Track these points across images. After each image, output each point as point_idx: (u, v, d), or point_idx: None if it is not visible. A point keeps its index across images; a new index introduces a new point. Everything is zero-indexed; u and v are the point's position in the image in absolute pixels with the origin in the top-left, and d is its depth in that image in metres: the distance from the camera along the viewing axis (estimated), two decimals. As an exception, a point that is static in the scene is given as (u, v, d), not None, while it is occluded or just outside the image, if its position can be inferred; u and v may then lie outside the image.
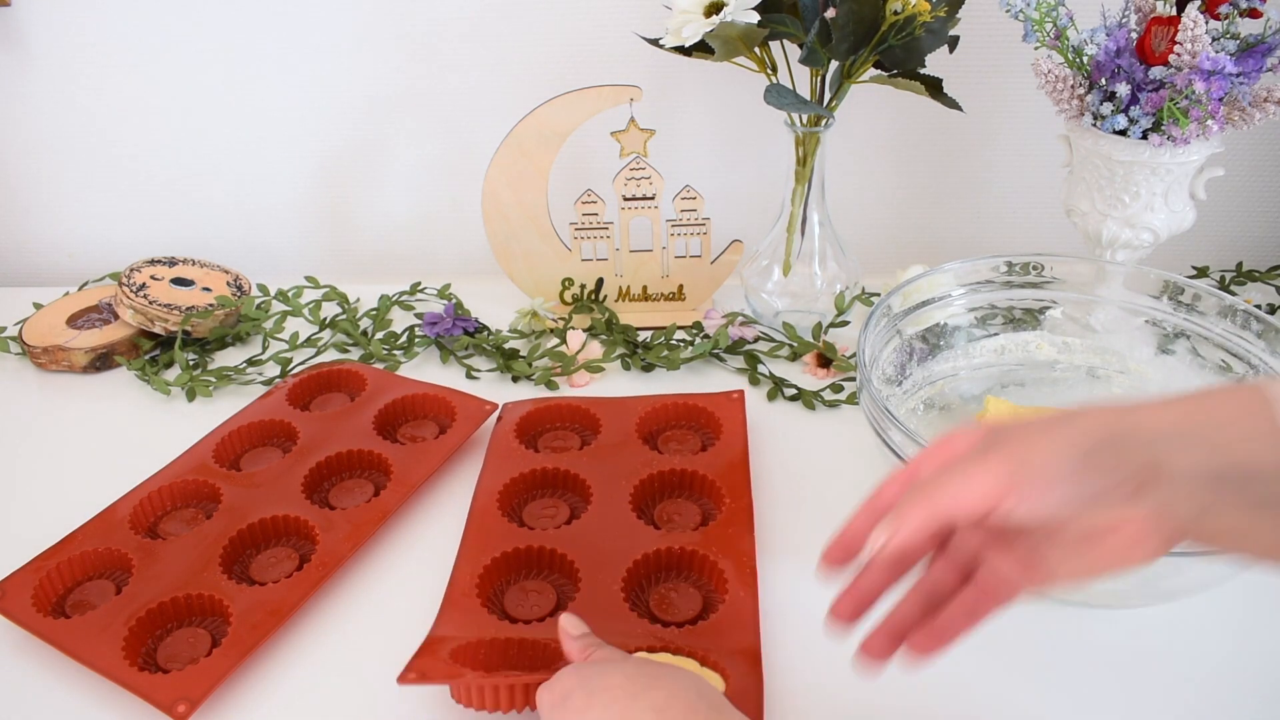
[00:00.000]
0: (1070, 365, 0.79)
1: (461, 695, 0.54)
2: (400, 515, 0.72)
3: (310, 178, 1.06)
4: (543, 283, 0.96)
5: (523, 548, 0.66)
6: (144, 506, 0.70)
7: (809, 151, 0.86)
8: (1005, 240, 1.07)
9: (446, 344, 0.92)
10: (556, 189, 0.93)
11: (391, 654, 0.60)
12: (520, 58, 0.98)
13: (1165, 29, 0.73)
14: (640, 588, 0.64)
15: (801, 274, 0.92)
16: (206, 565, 0.64)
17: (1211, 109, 0.71)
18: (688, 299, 0.96)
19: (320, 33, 0.98)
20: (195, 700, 0.55)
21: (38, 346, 0.90)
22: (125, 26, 0.98)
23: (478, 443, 0.79)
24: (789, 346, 0.90)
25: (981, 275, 0.78)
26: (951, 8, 0.78)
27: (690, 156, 1.03)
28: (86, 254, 1.11)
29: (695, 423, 0.79)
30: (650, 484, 0.72)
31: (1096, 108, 0.77)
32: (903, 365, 0.76)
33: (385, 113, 1.02)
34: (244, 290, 0.99)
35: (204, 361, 0.92)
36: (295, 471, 0.73)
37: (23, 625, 0.60)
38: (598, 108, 0.88)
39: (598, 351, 0.90)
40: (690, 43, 0.77)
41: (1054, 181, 0.91)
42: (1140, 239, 0.81)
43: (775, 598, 0.64)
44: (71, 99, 1.02)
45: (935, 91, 0.80)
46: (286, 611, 0.61)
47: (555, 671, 0.57)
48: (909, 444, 0.60)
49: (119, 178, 1.06)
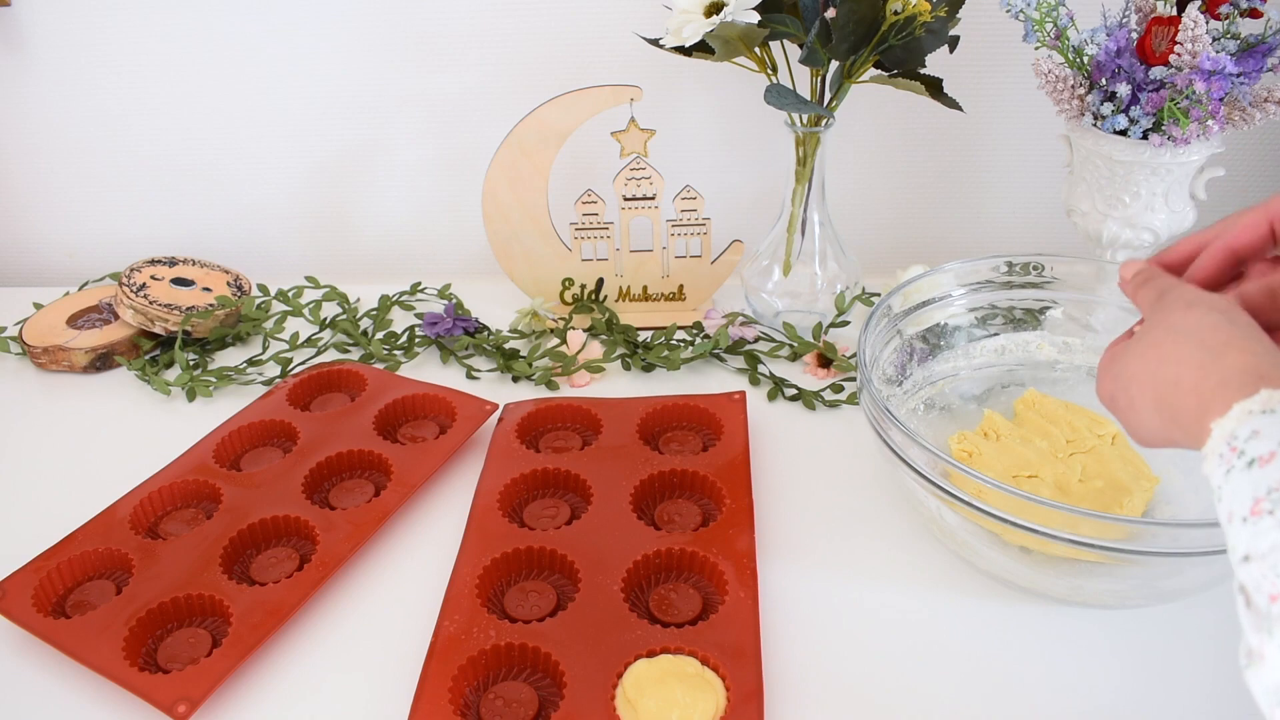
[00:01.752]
0: (1070, 365, 0.79)
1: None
2: (400, 515, 0.72)
3: (311, 178, 1.06)
4: (543, 283, 0.96)
5: (523, 548, 0.66)
6: (144, 506, 0.70)
7: (809, 151, 0.86)
8: (1005, 240, 1.07)
9: (447, 344, 0.92)
10: (556, 189, 0.93)
11: (392, 654, 0.60)
12: (520, 58, 0.98)
13: (1166, 29, 0.73)
14: (640, 588, 0.64)
15: (801, 274, 0.92)
16: (207, 565, 0.64)
17: (1212, 109, 0.71)
18: (688, 299, 0.96)
19: (320, 33, 0.98)
20: (195, 700, 0.55)
21: (38, 346, 0.90)
22: (125, 26, 0.98)
23: (478, 443, 0.79)
24: (789, 346, 0.90)
25: (982, 275, 0.78)
26: (951, 8, 0.78)
27: (690, 156, 1.02)
28: (86, 254, 1.11)
29: (696, 423, 0.79)
30: (651, 484, 0.72)
31: (1097, 108, 0.77)
32: (903, 365, 0.76)
33: (386, 113, 1.02)
34: (244, 290, 0.99)
35: (204, 361, 0.92)
36: (295, 472, 0.73)
37: (23, 625, 0.60)
38: (598, 108, 0.88)
39: (598, 351, 0.90)
40: (690, 43, 0.77)
41: (1054, 181, 0.91)
42: (1141, 239, 0.81)
43: (775, 598, 0.64)
44: (71, 99, 1.02)
45: (935, 91, 0.80)
46: (286, 611, 0.61)
47: (551, 677, 0.57)
48: (909, 444, 0.61)
49: (119, 177, 1.06)
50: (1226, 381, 0.41)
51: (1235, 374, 0.41)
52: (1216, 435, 0.40)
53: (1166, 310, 0.47)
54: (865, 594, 0.64)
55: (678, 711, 0.53)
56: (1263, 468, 0.37)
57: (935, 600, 0.64)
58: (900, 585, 0.65)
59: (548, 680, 0.57)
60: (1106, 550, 0.55)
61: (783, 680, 0.58)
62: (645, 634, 0.59)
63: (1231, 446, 0.39)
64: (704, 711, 0.53)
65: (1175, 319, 0.46)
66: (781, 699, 0.57)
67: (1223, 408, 0.40)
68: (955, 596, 0.64)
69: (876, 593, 0.65)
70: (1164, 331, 0.46)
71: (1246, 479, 0.37)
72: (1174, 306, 0.47)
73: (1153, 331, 0.47)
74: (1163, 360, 0.45)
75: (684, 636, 0.58)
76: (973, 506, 0.58)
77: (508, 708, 0.55)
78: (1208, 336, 0.44)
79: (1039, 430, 0.72)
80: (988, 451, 0.70)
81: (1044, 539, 0.56)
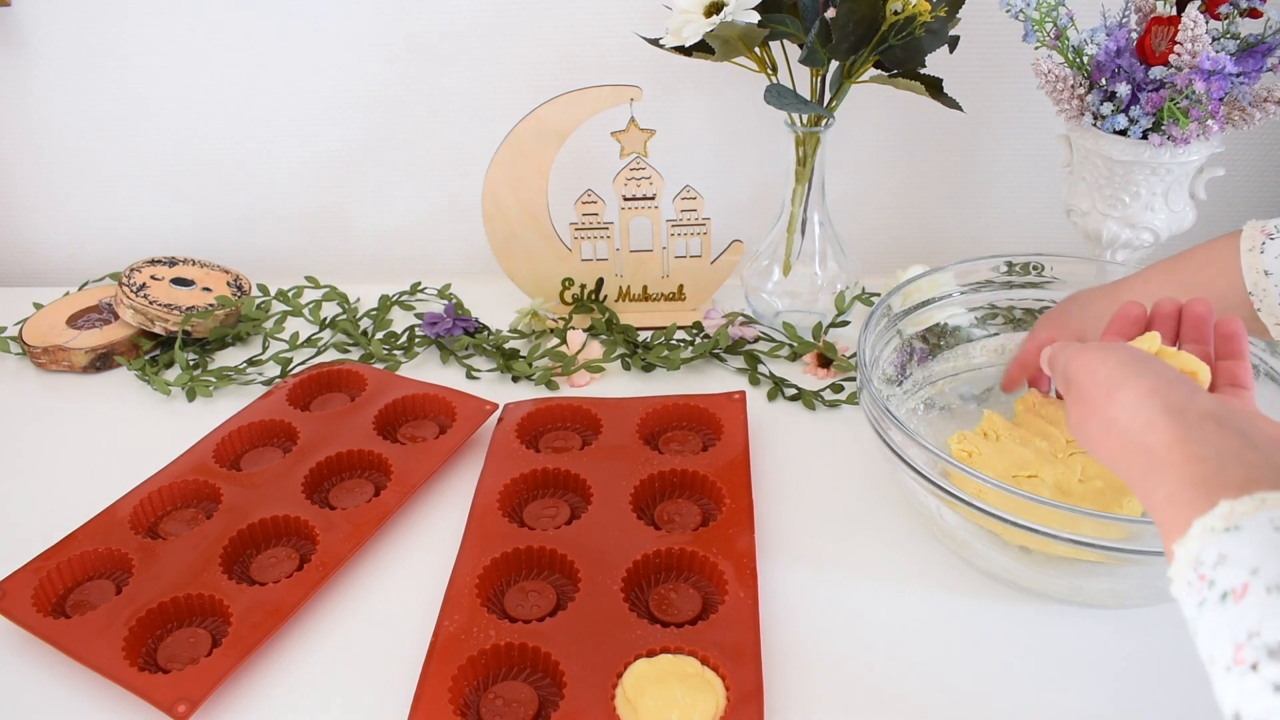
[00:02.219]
0: (1070, 365, 0.79)
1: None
2: (400, 515, 0.72)
3: (311, 177, 1.06)
4: (543, 283, 0.96)
5: (523, 548, 0.66)
6: (144, 506, 0.70)
7: (809, 151, 0.86)
8: (1005, 240, 1.07)
9: (446, 344, 0.92)
10: (556, 189, 0.93)
11: (392, 654, 0.60)
12: (520, 58, 0.98)
13: (1165, 29, 0.73)
14: (640, 588, 0.64)
15: (801, 274, 0.92)
16: (207, 565, 0.64)
17: (1212, 109, 0.71)
18: (688, 299, 0.96)
19: (321, 32, 0.98)
20: (195, 700, 0.55)
21: (38, 346, 0.90)
22: (125, 26, 0.98)
23: (478, 443, 0.79)
24: (789, 346, 0.90)
25: (982, 275, 0.78)
26: (951, 8, 0.78)
27: (690, 156, 1.03)
28: (87, 254, 1.11)
29: (696, 423, 0.79)
30: (651, 484, 0.72)
31: (1097, 108, 0.77)
32: (903, 365, 0.76)
33: (386, 113, 1.02)
34: (244, 290, 0.99)
35: (204, 361, 0.92)
36: (295, 471, 0.73)
37: (23, 625, 0.60)
38: (598, 108, 0.88)
39: (598, 351, 0.90)
40: (690, 43, 0.77)
41: (1054, 181, 0.91)
42: (1140, 239, 0.81)
43: (775, 598, 0.64)
44: (72, 99, 1.02)
45: (935, 91, 0.80)
46: (286, 611, 0.61)
47: (551, 677, 0.57)
48: (909, 444, 0.61)
49: (119, 177, 1.07)
50: (1175, 497, 0.38)
51: (1185, 486, 0.38)
52: (1181, 559, 0.37)
53: (1087, 391, 0.47)
54: (865, 594, 0.64)
55: (678, 711, 0.53)
56: (1238, 603, 0.33)
57: (935, 600, 0.64)
58: (900, 585, 0.65)
59: (548, 680, 0.57)
60: (1106, 550, 0.55)
61: (783, 680, 0.58)
62: (645, 634, 0.59)
63: (1200, 574, 0.36)
64: (704, 711, 0.53)
65: (1106, 412, 0.45)
66: (781, 699, 0.57)
67: (1181, 527, 0.37)
68: (955, 596, 0.64)
69: (876, 593, 0.65)
70: (1098, 427, 0.45)
71: (1222, 617, 0.34)
72: (1094, 390, 0.46)
73: (1089, 423, 0.46)
74: (1112, 458, 0.44)
75: (684, 636, 0.58)
76: (973, 506, 0.58)
77: (508, 708, 0.55)
78: (1144, 437, 0.41)
79: (1039, 431, 0.72)
80: (987, 451, 0.70)
81: (1044, 539, 0.56)
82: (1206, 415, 0.40)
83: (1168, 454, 0.40)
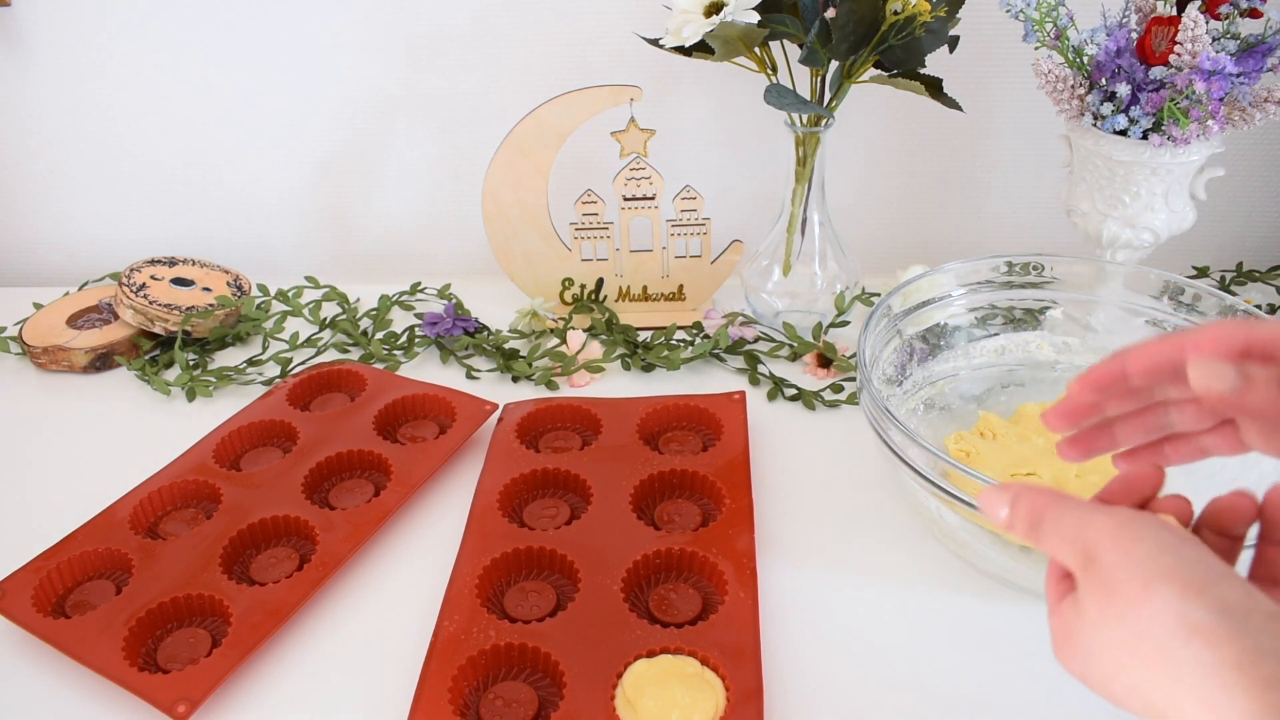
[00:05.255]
0: (1070, 365, 0.79)
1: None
2: (400, 515, 0.72)
3: (311, 177, 1.06)
4: (543, 283, 0.96)
5: (523, 548, 0.66)
6: (144, 506, 0.70)
7: (809, 151, 0.86)
8: (1005, 240, 1.07)
9: (446, 344, 0.92)
10: (556, 189, 0.93)
11: (391, 654, 0.60)
12: (520, 58, 0.98)
13: (1165, 29, 0.73)
14: (640, 588, 0.64)
15: (801, 274, 0.92)
16: (206, 565, 0.64)
17: (1212, 109, 0.71)
18: (688, 299, 0.96)
19: (321, 32, 0.98)
20: (195, 700, 0.55)
21: (38, 346, 0.90)
22: (125, 26, 0.98)
23: (478, 443, 0.79)
24: (789, 346, 0.90)
25: (981, 275, 0.78)
26: (951, 8, 0.78)
27: (690, 156, 1.03)
28: (87, 254, 1.11)
29: (696, 423, 0.79)
30: (650, 484, 0.72)
31: (1097, 108, 0.77)
32: (903, 365, 0.76)
33: (386, 112, 1.02)
34: (244, 290, 0.99)
35: (204, 361, 0.92)
36: (295, 472, 0.73)
37: (23, 625, 0.60)
38: (598, 108, 0.88)
39: (598, 351, 0.90)
40: (690, 43, 0.77)
41: (1054, 181, 0.91)
42: (1140, 239, 0.81)
43: (775, 598, 0.64)
44: (72, 99, 1.02)
45: (935, 91, 0.80)
46: (286, 611, 0.61)
47: (551, 677, 0.57)
48: (909, 444, 0.61)
49: (119, 177, 1.07)
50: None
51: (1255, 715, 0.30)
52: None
53: (1113, 587, 0.35)
54: (865, 594, 0.64)
55: (678, 711, 0.53)
56: None
57: (935, 600, 0.64)
58: (900, 585, 0.65)
59: (547, 680, 0.57)
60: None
61: (783, 680, 0.58)
62: (645, 634, 0.59)
63: None
64: (704, 711, 0.53)
65: (1133, 612, 0.34)
66: (781, 699, 0.57)
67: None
68: (955, 596, 0.64)
69: (876, 593, 0.65)
70: (1126, 632, 0.34)
71: None
72: (1123, 583, 0.35)
73: (1106, 629, 0.35)
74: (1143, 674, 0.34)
75: (684, 636, 0.58)
76: (973, 506, 0.58)
77: (507, 708, 0.55)
78: (1187, 661, 0.32)
79: (1036, 429, 0.72)
80: (985, 451, 0.70)
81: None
82: (1273, 616, 0.32)
83: (1224, 671, 0.31)
